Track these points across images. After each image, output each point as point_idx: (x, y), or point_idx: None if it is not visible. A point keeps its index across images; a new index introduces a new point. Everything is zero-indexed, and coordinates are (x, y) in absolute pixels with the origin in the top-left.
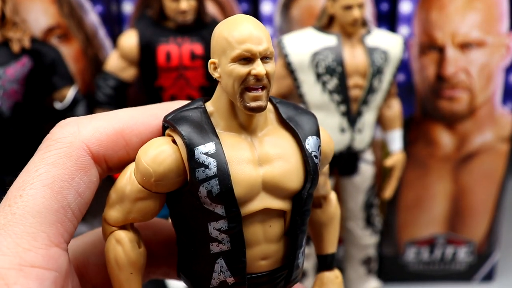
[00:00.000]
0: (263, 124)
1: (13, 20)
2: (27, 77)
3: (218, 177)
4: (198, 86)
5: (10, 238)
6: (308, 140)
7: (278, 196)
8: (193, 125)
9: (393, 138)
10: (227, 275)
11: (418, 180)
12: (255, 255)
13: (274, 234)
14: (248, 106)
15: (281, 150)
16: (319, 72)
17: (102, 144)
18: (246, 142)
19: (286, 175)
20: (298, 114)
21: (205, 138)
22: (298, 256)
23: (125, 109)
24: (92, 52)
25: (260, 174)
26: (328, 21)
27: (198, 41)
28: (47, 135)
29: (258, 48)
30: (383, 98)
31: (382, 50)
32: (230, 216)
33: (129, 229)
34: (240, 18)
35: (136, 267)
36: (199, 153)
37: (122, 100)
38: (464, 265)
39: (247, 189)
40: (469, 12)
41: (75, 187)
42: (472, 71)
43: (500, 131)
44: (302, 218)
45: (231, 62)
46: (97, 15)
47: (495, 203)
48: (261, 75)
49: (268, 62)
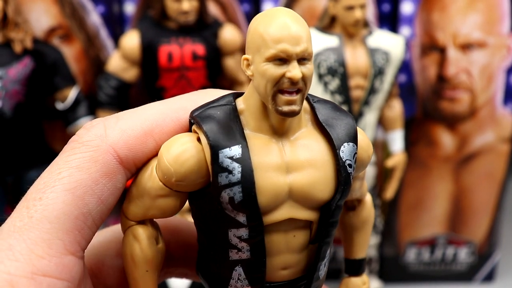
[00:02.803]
0: (297, 127)
1: (15, 20)
2: (29, 77)
3: (241, 184)
4: (199, 87)
5: (24, 243)
6: (343, 147)
7: (305, 205)
8: (220, 124)
9: (394, 139)
10: (244, 283)
11: (419, 180)
12: (276, 265)
13: (297, 244)
14: (280, 110)
15: (313, 156)
16: (320, 72)
17: (131, 148)
18: (276, 146)
19: (315, 185)
20: (336, 116)
21: (231, 140)
22: (320, 268)
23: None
24: (93, 53)
25: (287, 182)
26: (330, 21)
27: (200, 42)
28: (73, 136)
29: (295, 49)
30: (384, 98)
31: (384, 51)
32: (252, 226)
33: (148, 225)
34: (279, 13)
35: (152, 265)
36: (223, 156)
37: (124, 100)
38: (464, 265)
39: (272, 198)
40: (470, 13)
41: (98, 193)
42: (473, 72)
43: (501, 132)
44: (328, 229)
45: (265, 62)
46: (99, 15)
47: (496, 203)
48: (296, 78)
49: (305, 63)
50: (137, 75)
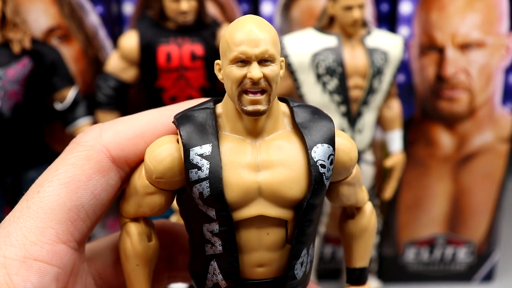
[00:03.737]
0: (272, 128)
1: (13, 21)
2: (27, 78)
3: (209, 180)
4: (198, 87)
5: (20, 231)
6: (316, 148)
7: (276, 203)
8: (196, 125)
9: (393, 139)
10: (219, 278)
11: (418, 180)
12: (251, 261)
13: (272, 242)
14: (245, 109)
15: (285, 156)
16: (319, 72)
17: (123, 148)
18: (250, 146)
19: (285, 183)
20: (313, 119)
21: (203, 139)
22: (294, 267)
23: (147, 111)
24: (92, 53)
25: (257, 180)
26: (329, 21)
27: (199, 42)
28: (73, 139)
29: (254, 50)
30: (383, 98)
31: (382, 51)
32: (221, 220)
33: (141, 222)
34: (245, 20)
35: (143, 260)
36: (194, 154)
37: (122, 101)
38: (464, 265)
39: (241, 194)
40: (469, 13)
41: (91, 188)
42: (472, 72)
43: (500, 132)
44: (301, 229)
45: (229, 64)
46: (98, 15)
47: (495, 203)
48: (255, 78)
49: (268, 65)
50: (135, 75)
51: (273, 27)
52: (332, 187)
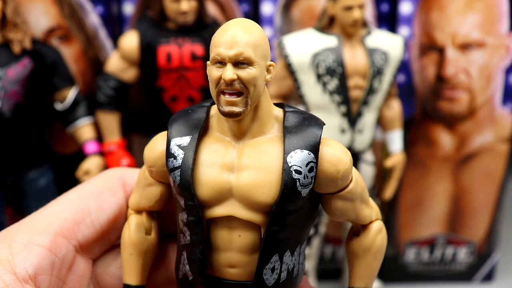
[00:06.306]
0: (258, 132)
1: (14, 21)
2: (28, 78)
3: (180, 169)
4: (198, 87)
5: (30, 224)
6: (294, 153)
7: (248, 207)
8: (186, 119)
9: (393, 139)
10: (186, 268)
11: (418, 180)
12: (221, 261)
13: (244, 245)
14: (221, 109)
15: (263, 160)
16: (319, 73)
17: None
18: (231, 147)
19: (256, 186)
20: (301, 125)
21: (186, 132)
22: (263, 272)
23: None
24: (92, 53)
25: (230, 181)
26: (329, 22)
27: (199, 42)
28: None
29: (228, 52)
30: (383, 98)
31: (383, 51)
32: (188, 209)
33: (143, 215)
34: (232, 22)
35: (137, 249)
36: (173, 144)
37: (122, 101)
38: (464, 265)
39: (213, 192)
40: (469, 13)
41: (99, 201)
42: (472, 72)
43: (500, 132)
44: (269, 233)
45: (210, 65)
46: (98, 16)
47: (495, 203)
48: (226, 80)
49: (244, 67)
50: (136, 76)
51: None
52: (325, 199)
